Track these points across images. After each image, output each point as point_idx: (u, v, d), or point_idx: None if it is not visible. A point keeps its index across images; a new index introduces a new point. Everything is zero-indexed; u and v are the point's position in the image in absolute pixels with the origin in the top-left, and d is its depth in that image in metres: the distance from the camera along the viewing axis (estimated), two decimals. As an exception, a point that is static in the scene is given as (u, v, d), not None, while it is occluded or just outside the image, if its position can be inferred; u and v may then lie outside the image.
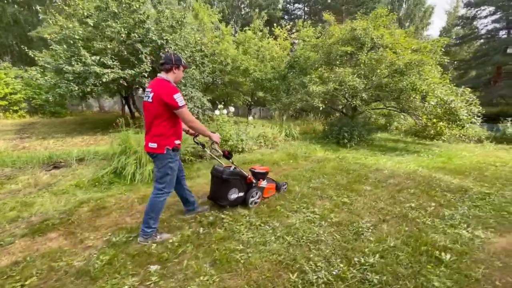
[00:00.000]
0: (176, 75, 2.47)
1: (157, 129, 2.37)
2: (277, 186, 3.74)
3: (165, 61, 2.40)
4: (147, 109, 2.40)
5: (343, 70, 7.09)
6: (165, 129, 2.39)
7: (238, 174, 3.16)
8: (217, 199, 3.14)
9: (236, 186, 3.13)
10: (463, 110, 6.15)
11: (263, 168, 3.57)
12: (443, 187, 4.12)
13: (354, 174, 4.67)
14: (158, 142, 2.38)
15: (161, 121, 2.36)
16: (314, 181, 4.30)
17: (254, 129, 6.68)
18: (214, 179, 3.15)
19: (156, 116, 2.34)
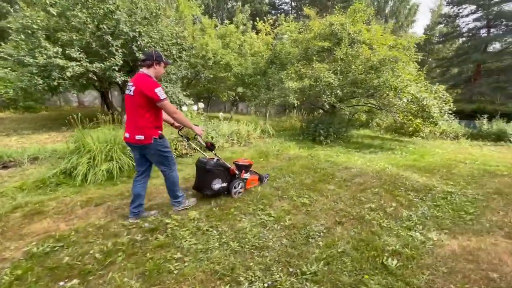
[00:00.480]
0: (157, 70, 2.61)
1: (140, 121, 2.51)
2: (260, 178, 3.94)
3: (146, 58, 2.55)
4: (129, 101, 2.53)
5: (319, 66, 6.95)
6: (148, 121, 2.53)
7: (221, 166, 3.34)
8: (202, 189, 3.31)
9: (219, 176, 3.30)
10: (435, 107, 6.15)
11: (246, 161, 3.78)
12: (407, 186, 4.07)
13: (321, 173, 4.56)
14: (144, 134, 2.52)
15: (143, 114, 2.50)
16: (279, 180, 4.15)
17: (227, 126, 6.47)
18: (199, 170, 3.33)
19: (138, 109, 2.48)
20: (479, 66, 22.39)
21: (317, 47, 7.65)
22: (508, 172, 5.15)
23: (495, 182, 4.43)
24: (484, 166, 5.63)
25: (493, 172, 5.16)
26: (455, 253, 2.34)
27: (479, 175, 4.89)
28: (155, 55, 2.56)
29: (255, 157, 5.51)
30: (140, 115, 2.49)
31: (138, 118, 2.50)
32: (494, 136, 11.73)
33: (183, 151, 5.26)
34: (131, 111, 2.53)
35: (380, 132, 12.43)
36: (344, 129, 8.16)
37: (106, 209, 3.00)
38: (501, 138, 11.42)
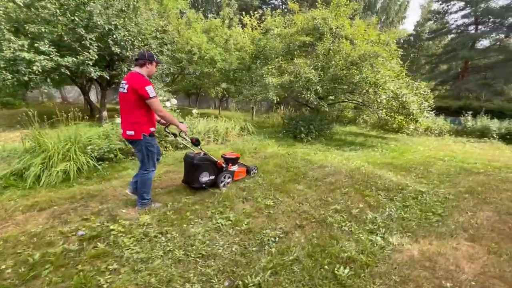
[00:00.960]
0: (149, 69, 2.76)
1: (133, 117, 2.66)
2: (248, 170, 4.15)
3: (139, 57, 2.70)
4: (123, 99, 2.68)
5: (300, 61, 6.76)
6: (140, 117, 2.67)
7: (208, 160, 3.50)
8: (190, 182, 3.47)
9: (206, 170, 3.47)
10: (414, 104, 6.05)
11: (234, 154, 3.99)
12: (380, 185, 3.95)
13: (294, 172, 4.41)
14: (135, 130, 2.67)
15: (136, 110, 2.65)
16: (248, 180, 3.98)
17: (203, 123, 6.24)
18: (186, 165, 3.49)
19: (131, 105, 2.63)
20: (467, 62, 22.55)
21: (298, 42, 7.46)
22: (484, 170, 5.10)
23: (469, 181, 4.35)
24: (462, 164, 5.57)
25: (470, 170, 5.10)
26: (413, 259, 2.22)
27: (455, 173, 4.82)
28: (147, 54, 2.72)
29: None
30: (133, 111, 2.65)
31: (131, 114, 2.66)
32: (478, 133, 11.83)
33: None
34: (124, 108, 2.70)
35: (366, 129, 12.39)
36: (327, 126, 8.03)
37: (50, 215, 2.78)
38: (485, 134, 11.52)
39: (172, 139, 3.98)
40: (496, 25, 21.34)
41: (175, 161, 4.88)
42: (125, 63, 8.89)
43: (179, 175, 4.17)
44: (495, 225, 2.85)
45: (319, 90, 6.45)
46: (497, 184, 4.21)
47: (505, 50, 21.56)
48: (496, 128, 11.52)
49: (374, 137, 9.09)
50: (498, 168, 5.31)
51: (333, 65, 6.53)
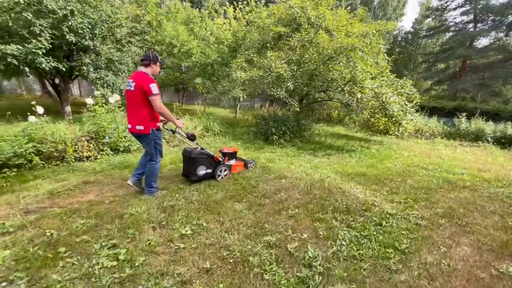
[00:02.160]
0: (153, 69, 2.98)
1: (141, 113, 2.86)
2: (245, 164, 4.37)
3: (144, 58, 2.93)
4: (130, 96, 2.88)
5: (271, 54, 6.00)
6: (147, 114, 2.88)
7: (205, 154, 3.72)
8: (188, 175, 3.69)
9: (203, 163, 3.69)
10: (395, 104, 5.31)
11: (231, 149, 4.25)
12: (339, 205, 3.22)
13: (241, 185, 3.68)
14: (144, 125, 2.88)
15: (143, 107, 2.85)
16: (179, 195, 3.25)
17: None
18: (185, 159, 3.73)
19: (138, 102, 2.83)
20: (465, 62, 21.82)
21: (272, 33, 6.68)
22: (470, 183, 4.40)
23: (450, 199, 3.65)
24: (447, 175, 4.87)
25: (454, 183, 4.40)
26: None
27: (435, 187, 4.11)
28: (152, 55, 2.94)
29: (177, 161, 4.58)
30: (140, 108, 2.85)
31: (139, 110, 2.86)
32: (472, 136, 11.17)
33: (84, 153, 4.28)
34: (132, 104, 2.90)
35: (354, 130, 11.66)
36: (305, 127, 7.29)
37: None
38: (479, 137, 10.86)
39: (171, 134, 4.16)
40: (496, 23, 20.58)
41: (108, 169, 4.13)
42: (87, 54, 8.09)
43: (100, 188, 3.44)
44: (472, 271, 2.14)
45: (290, 87, 5.69)
46: (483, 204, 3.51)
47: (504, 50, 20.85)
48: (491, 131, 10.86)
49: (357, 139, 8.36)
50: (487, 181, 4.61)
51: (307, 59, 5.76)
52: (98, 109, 4.54)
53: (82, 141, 4.35)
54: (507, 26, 20.14)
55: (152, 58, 2.93)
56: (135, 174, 3.27)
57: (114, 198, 3.12)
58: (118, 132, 4.53)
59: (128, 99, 2.92)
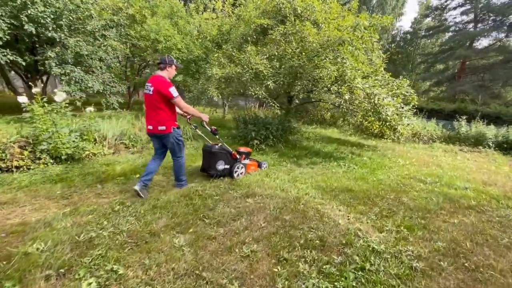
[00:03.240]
0: (169, 72, 3.18)
1: (161, 115, 3.07)
2: (259, 164, 4.46)
3: (160, 62, 3.14)
4: (148, 100, 3.09)
5: (251, 48, 5.28)
6: (167, 115, 3.09)
7: (224, 149, 3.90)
8: (208, 170, 3.86)
9: (222, 158, 3.86)
10: (389, 107, 4.61)
11: (247, 149, 4.29)
12: (313, 237, 2.52)
13: (194, 206, 2.96)
14: (166, 125, 3.09)
15: (162, 109, 3.06)
16: (108, 223, 2.53)
17: (113, 125, 4.74)
18: (205, 153, 3.93)
19: (158, 105, 3.04)
20: (464, 63, 21.20)
21: (254, 26, 5.96)
22: (476, 201, 3.71)
23: (454, 225, 2.95)
24: (448, 189, 4.18)
25: (457, 201, 3.71)
26: None
27: (435, 208, 3.42)
28: (167, 59, 3.12)
29: (137, 172, 3.85)
30: (160, 110, 3.04)
31: (159, 113, 3.05)
32: (472, 140, 10.53)
33: (14, 163, 3.55)
34: (151, 107, 3.09)
35: (348, 133, 10.97)
36: (291, 130, 6.58)
37: None
38: (480, 142, 10.21)
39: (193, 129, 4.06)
40: (497, 24, 19.95)
41: (37, 183, 3.39)
42: (54, 47, 7.33)
43: (11, 211, 2.71)
44: None
45: (270, 86, 4.97)
46: (494, 234, 2.81)
47: (505, 51, 20.22)
48: (492, 136, 10.21)
49: (350, 144, 7.66)
50: (495, 198, 3.92)
51: (290, 54, 5.05)
52: (36, 109, 3.80)
53: (13, 148, 3.61)
54: (508, 27, 19.54)
55: (168, 62, 3.11)
56: (142, 180, 3.21)
57: (19, 227, 2.40)
58: (59, 137, 3.79)
59: (147, 103, 3.11)
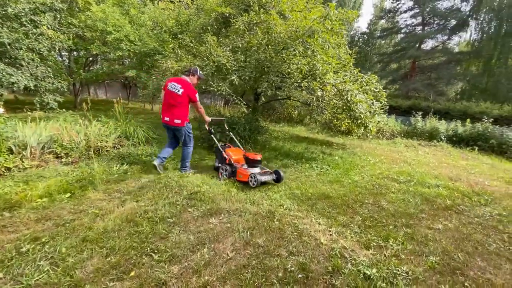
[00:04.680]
0: (191, 80, 3.84)
1: (181, 111, 3.73)
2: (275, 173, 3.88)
3: (187, 70, 3.97)
4: (175, 97, 3.71)
5: (211, 38, 4.64)
6: (184, 112, 3.78)
7: (219, 149, 4.18)
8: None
9: (217, 157, 4.27)
10: (362, 104, 4.39)
11: (255, 156, 3.96)
12: (294, 267, 2.02)
13: (140, 236, 2.27)
14: (181, 119, 3.74)
15: (184, 107, 3.74)
16: (9, 274, 1.75)
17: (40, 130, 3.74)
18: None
19: (181, 104, 3.71)
20: (414, 62, 22.89)
21: (214, 15, 5.32)
22: (451, 200, 3.61)
23: (439, 232, 2.71)
24: (422, 188, 4.05)
25: (433, 201, 3.56)
26: None
27: (415, 212, 3.19)
28: (192, 69, 3.90)
29: (57, 189, 2.97)
30: (182, 108, 3.72)
31: (180, 109, 3.72)
32: (427, 135, 11.22)
33: None
34: (175, 104, 3.71)
35: (316, 131, 10.89)
36: (258, 130, 6.08)
37: None
38: (434, 136, 10.90)
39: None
40: (440, 27, 21.87)
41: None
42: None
43: None
44: None
45: (235, 81, 4.39)
46: (479, 238, 2.63)
47: (447, 52, 22.30)
48: (444, 130, 10.98)
49: (319, 143, 7.45)
50: (467, 195, 3.88)
51: (255, 46, 4.52)
52: None
53: None
54: (450, 30, 21.56)
55: (192, 71, 3.87)
56: (160, 156, 3.90)
57: None
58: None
59: (170, 99, 3.71)
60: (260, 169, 3.92)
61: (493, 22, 18.93)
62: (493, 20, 18.93)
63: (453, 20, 20.75)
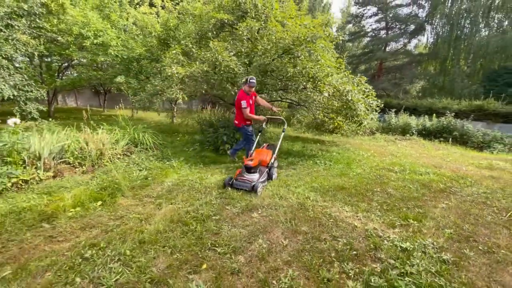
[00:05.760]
0: (245, 88, 4.22)
1: (239, 115, 4.36)
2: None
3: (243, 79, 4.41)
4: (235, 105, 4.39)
5: (217, 43, 4.79)
6: (240, 115, 4.33)
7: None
8: None
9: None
10: (361, 103, 4.85)
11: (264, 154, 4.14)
12: (342, 247, 2.29)
13: (194, 235, 2.39)
14: (239, 122, 4.39)
15: (239, 112, 4.32)
16: (87, 277, 1.78)
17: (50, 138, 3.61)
18: None
19: (237, 109, 4.33)
20: (381, 64, 24.71)
21: (214, 21, 5.47)
22: (443, 184, 4.15)
23: (445, 210, 3.16)
24: (416, 176, 4.58)
25: (429, 185, 4.07)
26: None
27: (418, 195, 3.64)
28: (244, 79, 4.25)
29: (88, 198, 2.94)
30: (238, 112, 4.32)
31: (238, 113, 4.36)
32: (400, 130, 12.29)
33: None
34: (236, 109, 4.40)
35: (301, 130, 11.37)
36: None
37: None
38: (406, 131, 11.98)
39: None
40: (402, 31, 23.90)
41: None
42: None
43: None
44: None
45: (244, 86, 4.60)
46: (477, 212, 3.12)
47: (409, 54, 24.42)
48: (415, 125, 12.10)
49: (311, 141, 7.88)
50: (454, 179, 4.47)
51: (261, 51, 4.77)
52: None
53: None
54: (410, 34, 23.65)
55: (243, 81, 4.27)
56: (234, 148, 4.77)
57: None
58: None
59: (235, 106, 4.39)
60: (259, 173, 3.69)
61: (446, 27, 21.15)
62: (445, 25, 21.15)
63: (412, 25, 22.80)
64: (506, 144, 9.85)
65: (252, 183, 3.40)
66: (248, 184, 3.40)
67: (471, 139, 10.43)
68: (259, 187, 3.36)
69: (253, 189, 3.35)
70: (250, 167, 3.56)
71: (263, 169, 3.84)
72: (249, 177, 3.49)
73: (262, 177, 3.64)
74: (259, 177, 3.58)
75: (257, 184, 3.37)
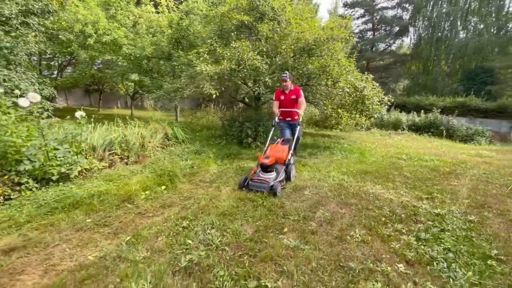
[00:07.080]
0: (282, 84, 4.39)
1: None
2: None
3: None
4: None
5: (241, 43, 5.16)
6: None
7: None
8: None
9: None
10: (375, 98, 5.40)
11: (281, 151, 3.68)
12: (388, 214, 2.77)
13: (265, 208, 2.78)
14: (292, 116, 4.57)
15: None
16: (196, 239, 2.13)
17: (102, 131, 3.85)
18: None
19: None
20: (368, 63, 25.85)
21: (235, 21, 5.82)
22: (448, 168, 4.78)
23: (458, 186, 3.74)
24: (424, 162, 5.19)
25: (439, 170, 4.66)
26: None
27: (432, 177, 4.22)
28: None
29: (150, 185, 3.24)
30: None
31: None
32: (392, 125, 13.15)
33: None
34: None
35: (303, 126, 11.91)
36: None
37: None
38: (398, 126, 12.85)
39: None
40: (387, 32, 25.13)
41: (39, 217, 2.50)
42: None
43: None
44: None
45: (268, 83, 5.01)
46: (483, 187, 3.72)
47: (394, 54, 25.71)
48: (405, 121, 12.97)
49: (319, 136, 8.41)
50: (456, 164, 5.12)
51: (283, 50, 5.19)
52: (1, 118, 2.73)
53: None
54: (394, 35, 24.92)
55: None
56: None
57: (84, 272, 1.76)
58: (47, 152, 2.84)
59: None
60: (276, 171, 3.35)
61: (428, 29, 22.51)
62: (427, 27, 22.52)
63: (397, 26, 24.04)
64: (487, 136, 10.90)
65: (270, 184, 3.10)
66: (266, 185, 3.09)
67: (456, 133, 11.35)
68: (278, 187, 3.06)
69: (271, 190, 3.07)
70: (266, 166, 3.23)
71: (279, 167, 3.40)
72: (265, 177, 3.17)
73: (280, 176, 3.28)
74: (276, 176, 3.25)
75: (275, 184, 3.08)
